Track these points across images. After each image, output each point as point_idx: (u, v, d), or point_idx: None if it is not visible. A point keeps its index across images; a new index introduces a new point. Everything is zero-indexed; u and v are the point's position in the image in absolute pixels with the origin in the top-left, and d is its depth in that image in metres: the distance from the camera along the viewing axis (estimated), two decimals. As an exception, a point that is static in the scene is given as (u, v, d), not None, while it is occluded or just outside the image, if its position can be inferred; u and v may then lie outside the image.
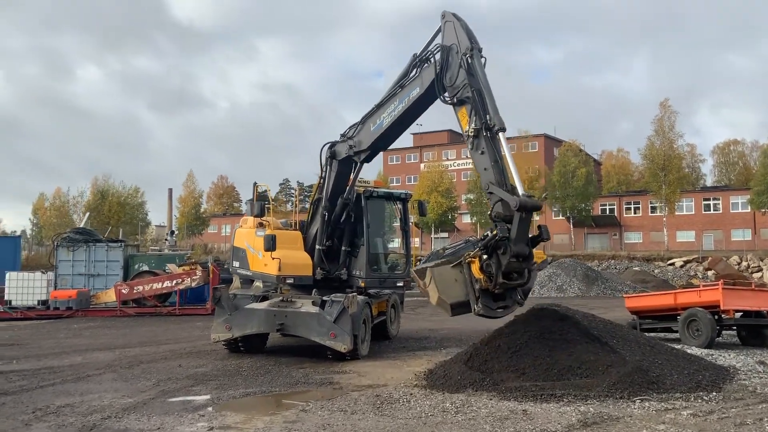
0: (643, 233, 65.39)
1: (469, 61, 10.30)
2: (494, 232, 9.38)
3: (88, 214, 46.08)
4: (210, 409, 8.39)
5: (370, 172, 73.86)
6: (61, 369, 11.45)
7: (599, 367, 9.39)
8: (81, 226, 33.30)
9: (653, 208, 62.17)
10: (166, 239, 42.54)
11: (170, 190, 66.61)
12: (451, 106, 10.72)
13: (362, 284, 13.01)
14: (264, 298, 12.46)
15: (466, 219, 70.60)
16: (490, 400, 8.51)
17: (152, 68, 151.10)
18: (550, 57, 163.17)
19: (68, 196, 66.28)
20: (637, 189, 69.52)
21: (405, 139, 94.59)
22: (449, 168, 77.22)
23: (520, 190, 9.32)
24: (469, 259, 9.41)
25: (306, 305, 12.00)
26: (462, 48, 10.44)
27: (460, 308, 9.64)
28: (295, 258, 12.96)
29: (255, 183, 14.44)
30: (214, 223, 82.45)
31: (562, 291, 31.67)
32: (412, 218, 14.81)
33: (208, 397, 9.08)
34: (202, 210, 78.69)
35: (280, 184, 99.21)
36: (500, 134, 9.92)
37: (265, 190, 14.34)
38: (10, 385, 9.86)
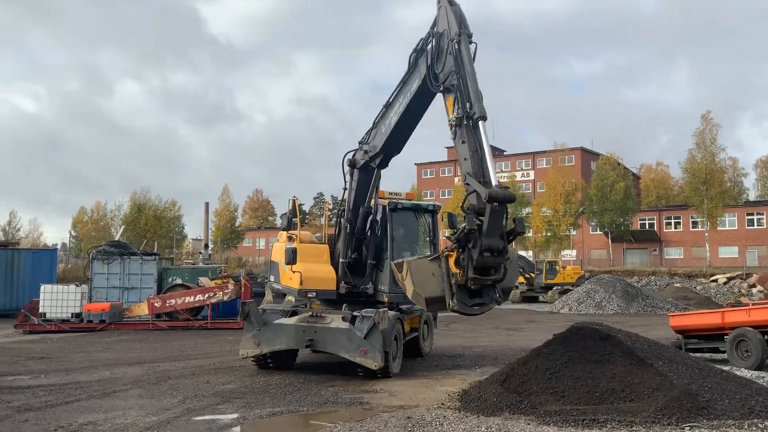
0: (684, 249, 63.85)
1: (456, 47, 9.80)
2: (463, 225, 8.84)
3: (123, 227, 46.62)
4: (235, 429, 8.09)
5: (403, 186, 73.59)
6: (88, 384, 11.28)
7: (644, 390, 8.86)
8: (116, 239, 33.59)
9: (694, 223, 60.69)
10: (200, 252, 42.80)
11: (207, 204, 67.17)
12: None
13: (386, 299, 12.60)
14: (293, 313, 12.16)
15: (502, 233, 69.58)
16: (528, 424, 8.04)
17: (190, 83, 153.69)
18: (587, 69, 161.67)
19: (106, 209, 67.36)
20: (678, 203, 67.95)
21: (439, 153, 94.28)
22: (484, 182, 76.33)
23: (494, 181, 8.80)
24: (447, 253, 9.00)
25: (336, 321, 11.67)
26: (451, 34, 9.96)
27: (435, 303, 9.26)
28: (319, 271, 12.65)
29: (294, 197, 14.22)
30: (249, 236, 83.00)
31: (600, 308, 30.80)
32: (446, 232, 14.33)
33: (233, 416, 8.78)
34: (237, 224, 79.23)
35: (315, 198, 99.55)
36: (480, 123, 9.27)
37: (294, 204, 14.11)
38: (35, 401, 9.70)
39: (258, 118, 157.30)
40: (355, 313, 11.58)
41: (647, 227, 67.55)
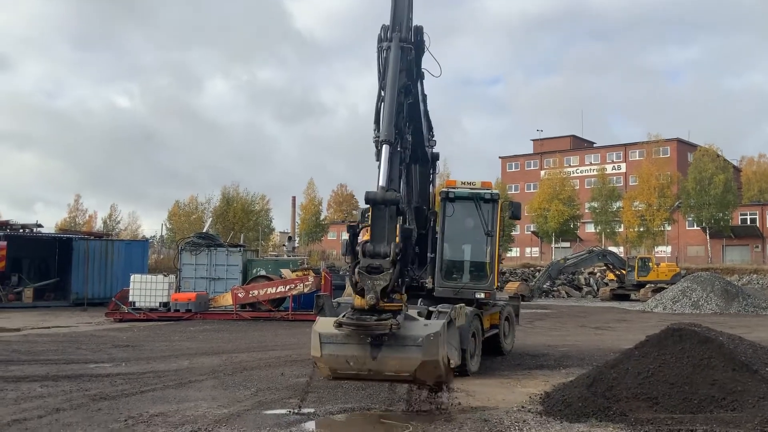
0: (789, 246, 59.81)
1: (384, 54, 8.88)
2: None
3: (210, 219, 47.92)
4: (304, 425, 7.84)
5: (488, 178, 72.08)
6: (165, 373, 11.37)
7: (748, 399, 8.01)
8: (204, 231, 34.51)
9: (802, 219, 56.67)
10: (284, 245, 43.52)
11: (293, 198, 68.71)
12: None
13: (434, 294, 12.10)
14: (367, 308, 11.83)
15: (590, 228, 67.54)
16: (617, 433, 7.38)
17: (276, 79, 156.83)
18: (683, 56, 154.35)
19: (198, 202, 69.61)
20: (783, 197, 63.73)
21: (525, 145, 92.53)
22: (571, 175, 74.37)
23: (381, 182, 7.93)
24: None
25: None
26: (383, 34, 9.04)
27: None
28: None
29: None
30: (333, 230, 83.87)
31: (697, 307, 29.08)
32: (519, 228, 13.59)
33: (304, 411, 8.53)
34: (322, 217, 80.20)
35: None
36: (384, 147, 8.21)
37: None
38: (112, 389, 9.80)
39: (341, 112, 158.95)
40: (430, 308, 11.12)
41: (748, 222, 63.69)
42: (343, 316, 7.58)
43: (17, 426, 7.55)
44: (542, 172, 78.48)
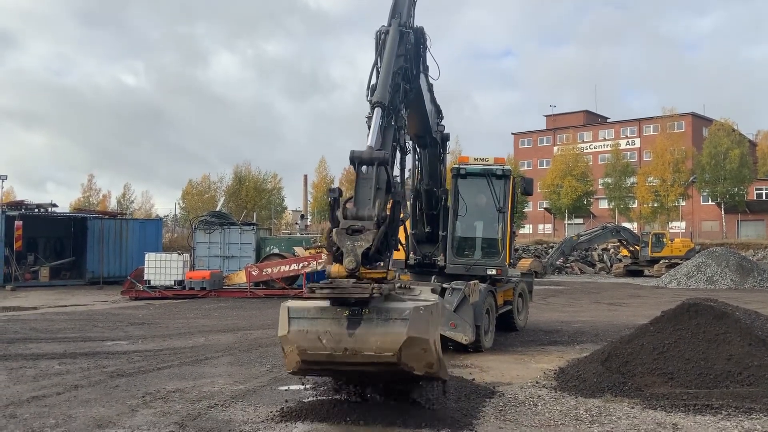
0: (805, 220, 59.21)
1: (383, 37, 8.62)
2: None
3: (223, 198, 48.02)
4: (318, 399, 7.87)
5: (501, 155, 71.61)
6: (182, 350, 11.48)
7: (765, 374, 7.97)
8: (217, 210, 34.64)
9: (817, 193, 56.03)
10: (296, 223, 43.58)
11: (305, 176, 68.57)
12: None
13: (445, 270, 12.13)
14: (382, 285, 11.84)
15: (603, 204, 67.14)
16: (632, 408, 7.37)
17: (283, 53, 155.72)
18: (700, 26, 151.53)
19: (210, 181, 69.78)
20: (799, 172, 62.97)
21: (538, 121, 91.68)
22: (585, 151, 73.79)
23: (368, 143, 7.24)
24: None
25: (424, 293, 11.19)
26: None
27: None
28: None
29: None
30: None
31: (712, 282, 28.93)
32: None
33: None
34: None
35: (409, 170, 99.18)
36: (375, 110, 7.72)
37: None
38: (129, 366, 9.91)
39: (351, 87, 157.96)
40: (444, 285, 11.14)
41: (764, 197, 63.01)
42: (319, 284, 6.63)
43: (36, 403, 7.65)
44: (555, 148, 77.98)
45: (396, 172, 7.94)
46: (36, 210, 30.17)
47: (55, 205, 31.20)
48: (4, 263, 27.44)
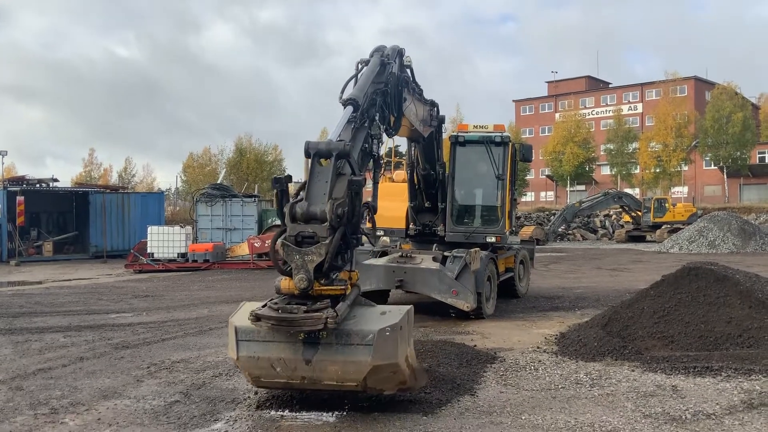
0: (808, 183, 59.04)
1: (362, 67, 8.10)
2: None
3: (224, 170, 47.92)
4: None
5: (502, 122, 71.14)
6: (186, 322, 11.57)
7: (765, 336, 8.04)
8: (218, 182, 34.59)
9: (820, 156, 55.77)
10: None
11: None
12: None
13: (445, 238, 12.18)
14: (383, 254, 11.88)
15: (605, 171, 66.94)
16: (632, 371, 7.44)
17: (277, 19, 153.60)
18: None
19: (211, 153, 69.57)
20: (802, 135, 62.60)
21: (539, 88, 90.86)
22: (587, 117, 73.35)
23: (331, 136, 6.60)
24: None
25: (426, 261, 11.29)
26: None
27: None
28: (390, 210, 12.20)
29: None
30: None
31: (714, 246, 28.95)
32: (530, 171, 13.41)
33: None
34: (335, 166, 79.87)
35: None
36: (346, 108, 7.08)
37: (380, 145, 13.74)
38: (134, 338, 10.00)
39: (349, 54, 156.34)
40: (446, 253, 11.17)
41: (767, 161, 62.77)
42: (265, 305, 5.72)
43: (42, 375, 7.74)
44: (557, 115, 77.44)
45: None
46: (37, 185, 30.16)
47: (56, 180, 31.21)
48: (8, 239, 27.52)
